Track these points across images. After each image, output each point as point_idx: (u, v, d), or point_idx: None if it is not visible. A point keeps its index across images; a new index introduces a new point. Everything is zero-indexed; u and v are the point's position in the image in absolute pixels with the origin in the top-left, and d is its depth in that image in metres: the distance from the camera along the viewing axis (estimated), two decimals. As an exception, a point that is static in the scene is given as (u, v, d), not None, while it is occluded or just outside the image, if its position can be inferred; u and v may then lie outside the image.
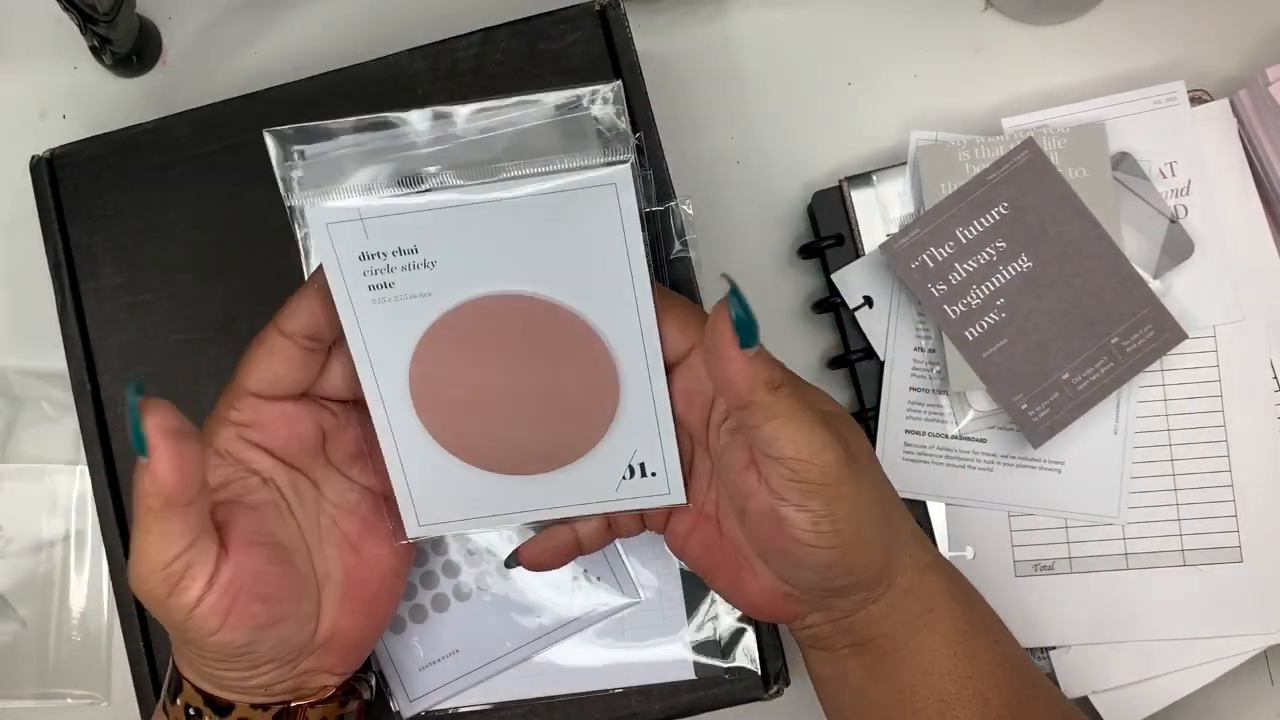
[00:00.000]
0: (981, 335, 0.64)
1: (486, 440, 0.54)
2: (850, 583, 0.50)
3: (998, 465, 0.66)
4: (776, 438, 0.46)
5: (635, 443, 0.53)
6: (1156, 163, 0.66)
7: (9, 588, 0.71)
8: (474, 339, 0.51)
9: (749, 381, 0.45)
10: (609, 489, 0.55)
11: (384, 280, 0.50)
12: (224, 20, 0.74)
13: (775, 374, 0.46)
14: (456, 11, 0.68)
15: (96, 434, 0.62)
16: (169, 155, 0.63)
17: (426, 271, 0.50)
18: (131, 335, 0.63)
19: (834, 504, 0.47)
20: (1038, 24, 0.71)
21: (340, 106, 0.62)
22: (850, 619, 0.52)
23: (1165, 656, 0.64)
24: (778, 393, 0.46)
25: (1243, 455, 0.65)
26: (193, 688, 0.52)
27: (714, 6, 0.72)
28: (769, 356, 0.46)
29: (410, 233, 0.49)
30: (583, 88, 0.54)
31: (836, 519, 0.47)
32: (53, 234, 0.63)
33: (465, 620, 0.61)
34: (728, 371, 0.46)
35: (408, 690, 0.61)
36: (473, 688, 0.61)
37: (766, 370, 0.45)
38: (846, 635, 0.52)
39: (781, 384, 0.46)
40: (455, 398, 0.53)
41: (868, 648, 0.52)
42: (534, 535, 0.57)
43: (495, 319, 0.51)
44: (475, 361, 0.52)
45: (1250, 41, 0.70)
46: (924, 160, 0.66)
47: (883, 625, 0.51)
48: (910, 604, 0.51)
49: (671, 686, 0.60)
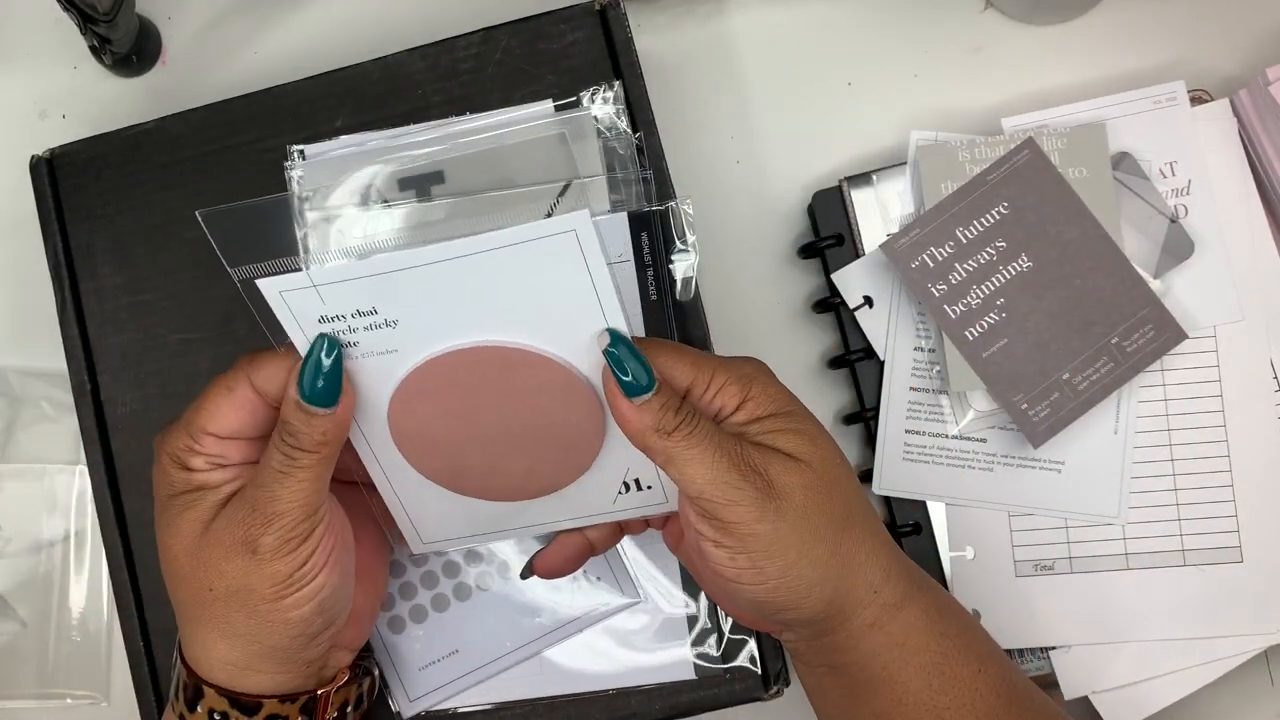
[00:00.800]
0: (981, 335, 0.64)
1: (477, 475, 0.54)
2: (790, 618, 0.50)
3: (998, 465, 0.66)
4: (679, 479, 0.49)
5: (626, 462, 0.53)
6: (1156, 163, 0.66)
7: (9, 588, 0.71)
8: (450, 387, 0.51)
9: (637, 429, 0.49)
10: (606, 503, 0.55)
11: (347, 340, 0.49)
12: (224, 20, 0.74)
13: (666, 419, 0.48)
14: (457, 11, 0.68)
15: (96, 434, 0.62)
16: (169, 155, 0.63)
17: (389, 330, 0.49)
18: (131, 335, 0.63)
19: (748, 541, 0.48)
20: (1038, 24, 0.71)
21: (340, 106, 0.63)
22: (817, 641, 0.52)
23: (1165, 656, 0.64)
24: (670, 438, 0.48)
25: (1243, 455, 0.65)
26: (215, 691, 0.52)
27: (713, 6, 0.72)
28: (663, 401, 0.48)
29: (366, 296, 0.48)
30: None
31: (754, 556, 0.48)
32: (52, 234, 0.63)
33: (465, 620, 0.61)
34: (620, 423, 0.49)
35: (408, 690, 0.61)
36: (473, 688, 0.61)
37: (653, 417, 0.48)
38: (820, 655, 0.52)
39: (676, 428, 0.48)
40: (439, 440, 0.53)
41: (842, 671, 0.52)
42: (546, 545, 0.57)
43: (469, 367, 0.50)
44: (454, 408, 0.52)
45: (1250, 41, 0.70)
46: (924, 160, 0.66)
47: (849, 654, 0.51)
48: (876, 638, 0.51)
49: (672, 687, 0.60)
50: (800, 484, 0.49)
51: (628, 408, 0.48)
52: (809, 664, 0.54)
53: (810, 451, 0.50)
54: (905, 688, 0.51)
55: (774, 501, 0.48)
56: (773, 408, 0.50)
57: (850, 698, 0.52)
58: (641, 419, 0.48)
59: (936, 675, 0.51)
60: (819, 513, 0.49)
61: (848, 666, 0.52)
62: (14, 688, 0.71)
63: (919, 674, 0.51)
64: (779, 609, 0.50)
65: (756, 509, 0.48)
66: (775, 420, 0.50)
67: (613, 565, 0.61)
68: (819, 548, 0.49)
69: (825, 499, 0.49)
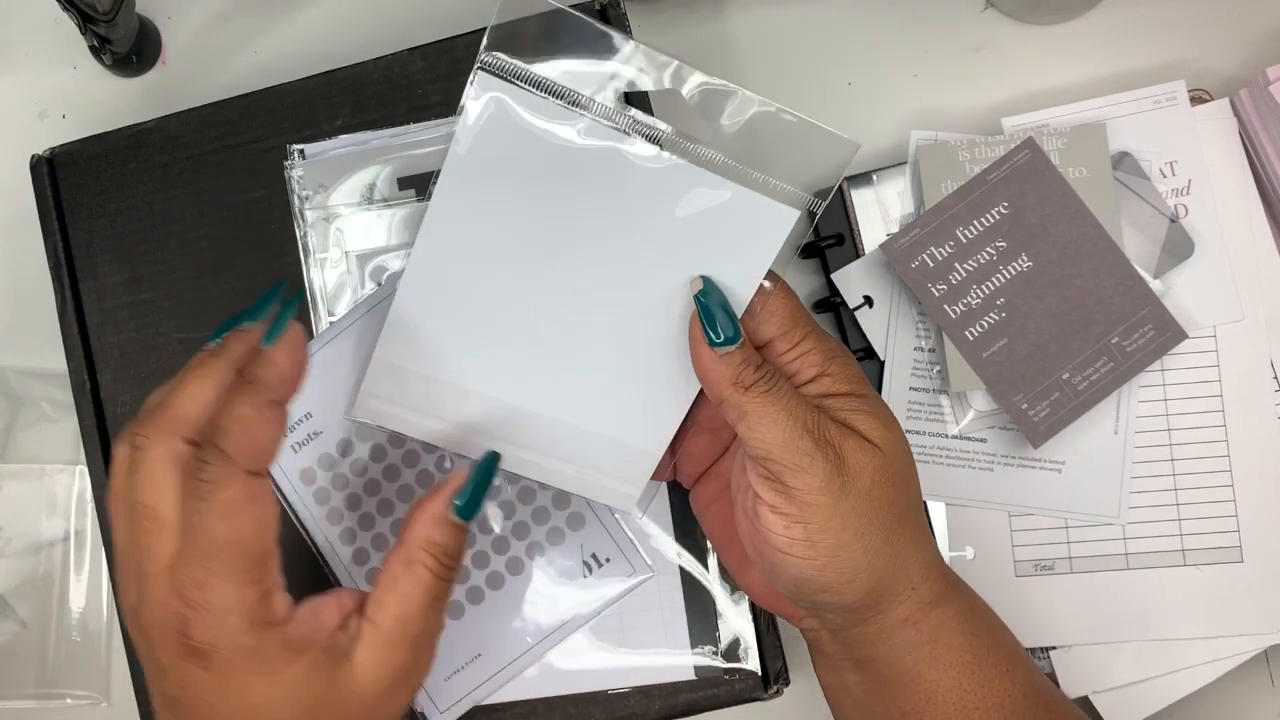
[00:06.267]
0: (981, 335, 0.64)
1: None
2: (829, 601, 0.50)
3: (998, 465, 0.66)
4: (749, 437, 0.48)
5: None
6: (1156, 163, 0.66)
7: (9, 588, 0.71)
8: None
9: (716, 379, 0.49)
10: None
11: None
12: (223, 20, 0.74)
13: (746, 374, 0.48)
14: (456, 11, 0.68)
15: (96, 433, 0.62)
16: (169, 154, 0.63)
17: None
18: (131, 334, 0.63)
19: (807, 511, 0.48)
20: (1038, 24, 0.71)
21: (340, 106, 0.63)
22: (846, 632, 0.52)
23: (1165, 656, 0.64)
24: (748, 392, 0.48)
25: (1243, 455, 0.65)
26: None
27: (713, 6, 0.72)
28: (744, 356, 0.48)
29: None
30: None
31: (810, 528, 0.48)
32: (53, 233, 0.63)
33: (483, 623, 0.61)
34: (698, 371, 0.49)
35: (437, 702, 0.60)
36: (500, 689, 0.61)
37: (733, 370, 0.48)
38: (846, 648, 0.52)
39: (754, 384, 0.48)
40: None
41: (868, 666, 0.52)
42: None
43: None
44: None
45: (1250, 41, 0.70)
46: (924, 160, 0.66)
47: (878, 649, 0.51)
48: (908, 634, 0.51)
49: (671, 686, 0.60)
50: (871, 466, 0.49)
51: (709, 356, 0.49)
52: (832, 658, 0.53)
53: (885, 437, 0.50)
54: (935, 686, 0.51)
55: (842, 477, 0.48)
56: (850, 387, 0.50)
57: (875, 694, 0.52)
58: (721, 370, 0.48)
59: (967, 675, 0.51)
60: (882, 500, 0.49)
61: (875, 661, 0.51)
62: (14, 688, 0.71)
63: (949, 673, 0.51)
64: (821, 588, 0.49)
65: (823, 479, 0.47)
66: (852, 400, 0.50)
67: (620, 545, 0.60)
68: (874, 534, 0.49)
69: (890, 488, 0.49)
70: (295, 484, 0.60)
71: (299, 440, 0.60)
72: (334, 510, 0.60)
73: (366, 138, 0.61)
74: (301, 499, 0.60)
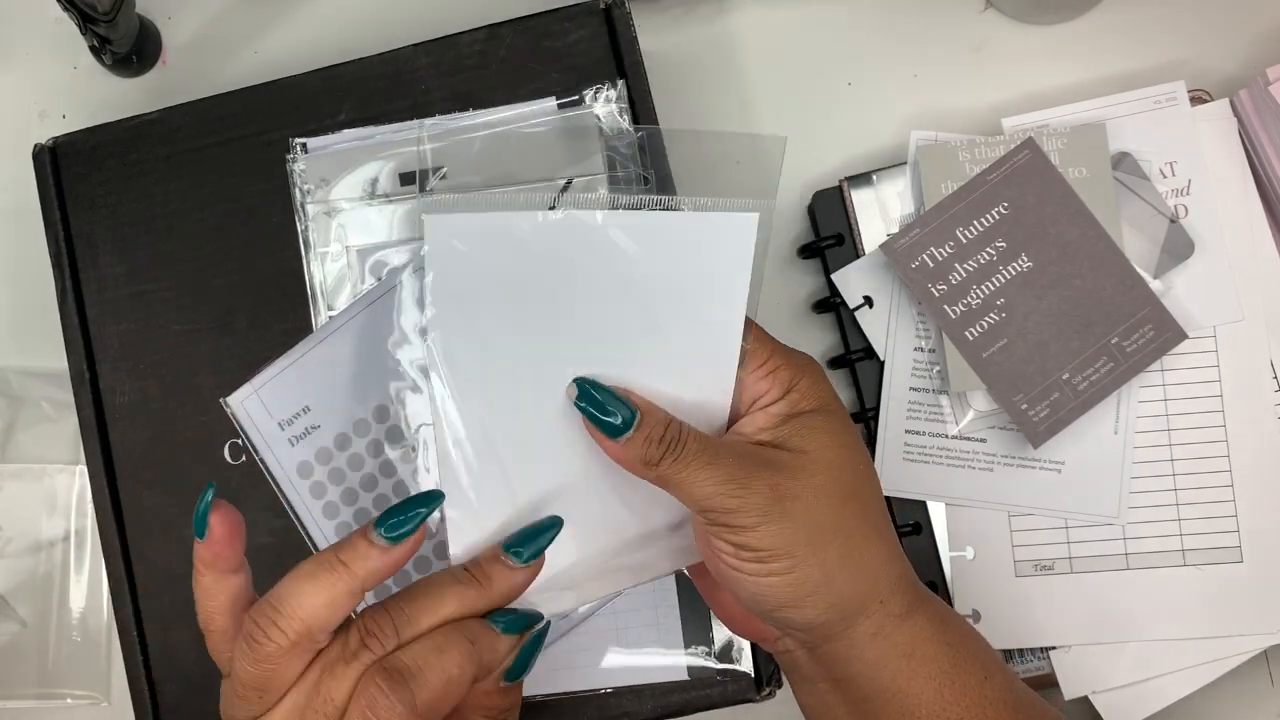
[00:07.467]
0: (981, 335, 0.64)
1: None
2: (792, 618, 0.50)
3: (998, 465, 0.66)
4: (681, 499, 0.49)
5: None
6: (1156, 163, 0.66)
7: (9, 588, 0.71)
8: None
9: (628, 464, 0.50)
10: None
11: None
12: (224, 20, 0.74)
13: (651, 452, 0.49)
14: (461, 8, 0.68)
15: (95, 424, 0.62)
16: (171, 146, 0.63)
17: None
18: (131, 324, 0.63)
19: (754, 537, 0.48)
20: (1038, 24, 0.71)
21: (343, 100, 0.63)
22: (819, 650, 0.51)
23: (1165, 656, 0.64)
24: (659, 467, 0.49)
25: (1242, 455, 0.65)
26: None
27: (714, 6, 0.72)
28: (645, 434, 0.49)
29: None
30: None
31: (761, 553, 0.48)
32: (54, 223, 0.63)
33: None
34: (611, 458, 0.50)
35: None
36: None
37: (638, 451, 0.49)
38: (823, 668, 0.52)
39: (661, 458, 0.49)
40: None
41: (847, 685, 0.51)
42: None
43: None
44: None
45: (1250, 41, 0.70)
46: (924, 160, 0.66)
47: (853, 666, 0.50)
48: (882, 647, 0.50)
49: (664, 687, 0.60)
50: (810, 486, 0.49)
51: (613, 448, 0.50)
52: (810, 680, 0.53)
53: (834, 455, 0.50)
54: (917, 699, 0.50)
55: (779, 504, 0.48)
56: (814, 404, 0.51)
57: (857, 714, 0.51)
58: (626, 455, 0.49)
59: (948, 686, 0.50)
60: (830, 515, 0.49)
61: (853, 679, 0.51)
62: (14, 688, 0.71)
63: (929, 684, 0.50)
64: (780, 605, 0.49)
65: (759, 514, 0.48)
66: (812, 417, 0.50)
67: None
68: (828, 550, 0.49)
69: (838, 503, 0.49)
70: (292, 477, 0.60)
71: (297, 434, 0.60)
72: (330, 504, 0.60)
73: (369, 133, 0.61)
74: (298, 492, 0.60)
